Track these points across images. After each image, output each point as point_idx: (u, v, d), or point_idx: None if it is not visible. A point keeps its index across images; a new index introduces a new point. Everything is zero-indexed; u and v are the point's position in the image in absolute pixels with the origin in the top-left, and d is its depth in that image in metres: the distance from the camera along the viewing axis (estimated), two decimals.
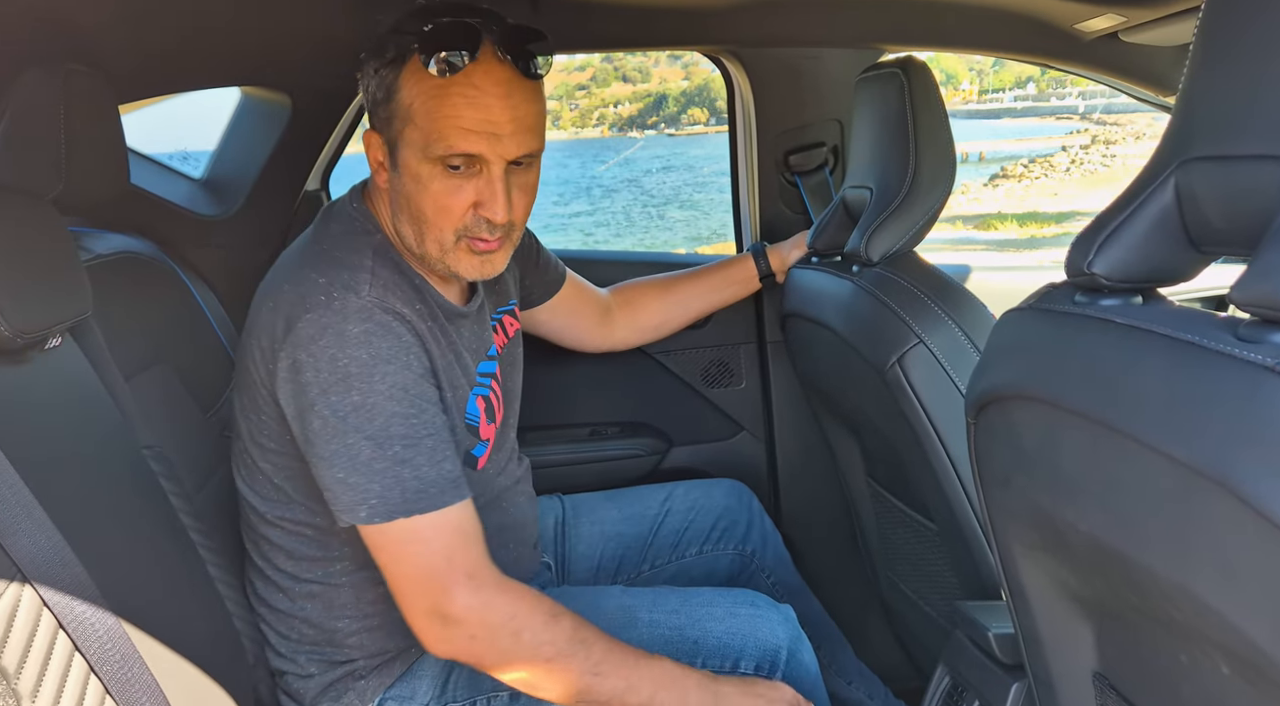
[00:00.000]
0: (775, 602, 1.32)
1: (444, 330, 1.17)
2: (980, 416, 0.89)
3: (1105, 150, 32.72)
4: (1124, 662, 0.86)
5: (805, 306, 1.55)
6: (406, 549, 1.03)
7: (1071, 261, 0.77)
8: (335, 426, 1.01)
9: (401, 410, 1.03)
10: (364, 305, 1.05)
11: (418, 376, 1.06)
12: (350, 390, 1.02)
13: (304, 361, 1.03)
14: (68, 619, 0.78)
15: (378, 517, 1.01)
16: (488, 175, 1.08)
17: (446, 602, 1.01)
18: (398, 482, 1.01)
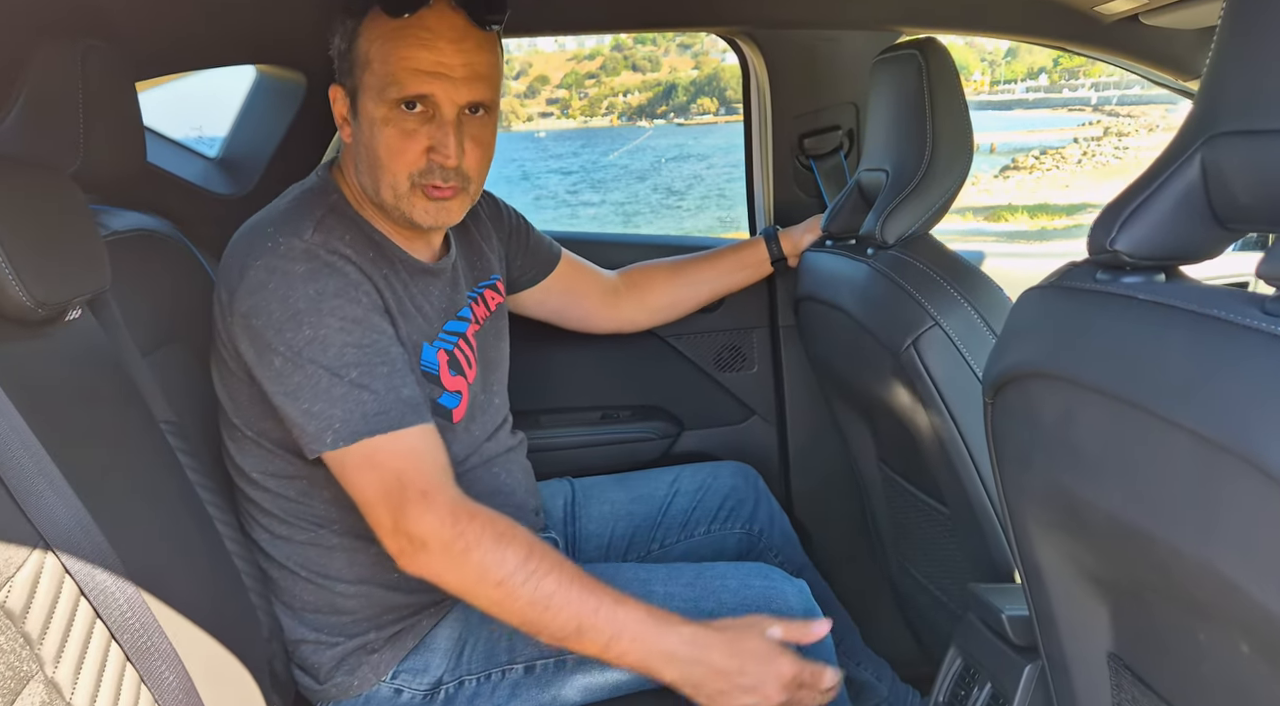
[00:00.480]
0: (789, 576, 1.33)
1: (403, 282, 1.19)
2: (998, 396, 0.89)
3: (1118, 142, 32.49)
4: (1140, 643, 0.86)
5: (819, 290, 1.54)
6: (368, 471, 1.04)
7: (1094, 239, 0.77)
8: (293, 361, 1.04)
9: (353, 339, 1.06)
10: (307, 247, 1.09)
11: (366, 309, 1.09)
12: (302, 325, 1.05)
13: (256, 306, 1.06)
14: (89, 587, 0.79)
15: (342, 441, 1.03)
16: (440, 119, 1.11)
17: (405, 520, 1.02)
18: (358, 406, 1.04)
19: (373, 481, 1.04)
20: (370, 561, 1.19)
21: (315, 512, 1.18)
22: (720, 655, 1.06)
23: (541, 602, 1.02)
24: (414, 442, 1.06)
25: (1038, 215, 18.37)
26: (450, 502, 1.05)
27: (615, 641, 1.04)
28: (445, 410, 1.21)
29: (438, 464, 1.08)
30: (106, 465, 0.92)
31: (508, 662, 1.21)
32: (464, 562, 1.02)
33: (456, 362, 1.24)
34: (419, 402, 1.08)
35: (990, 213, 18.85)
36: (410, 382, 1.09)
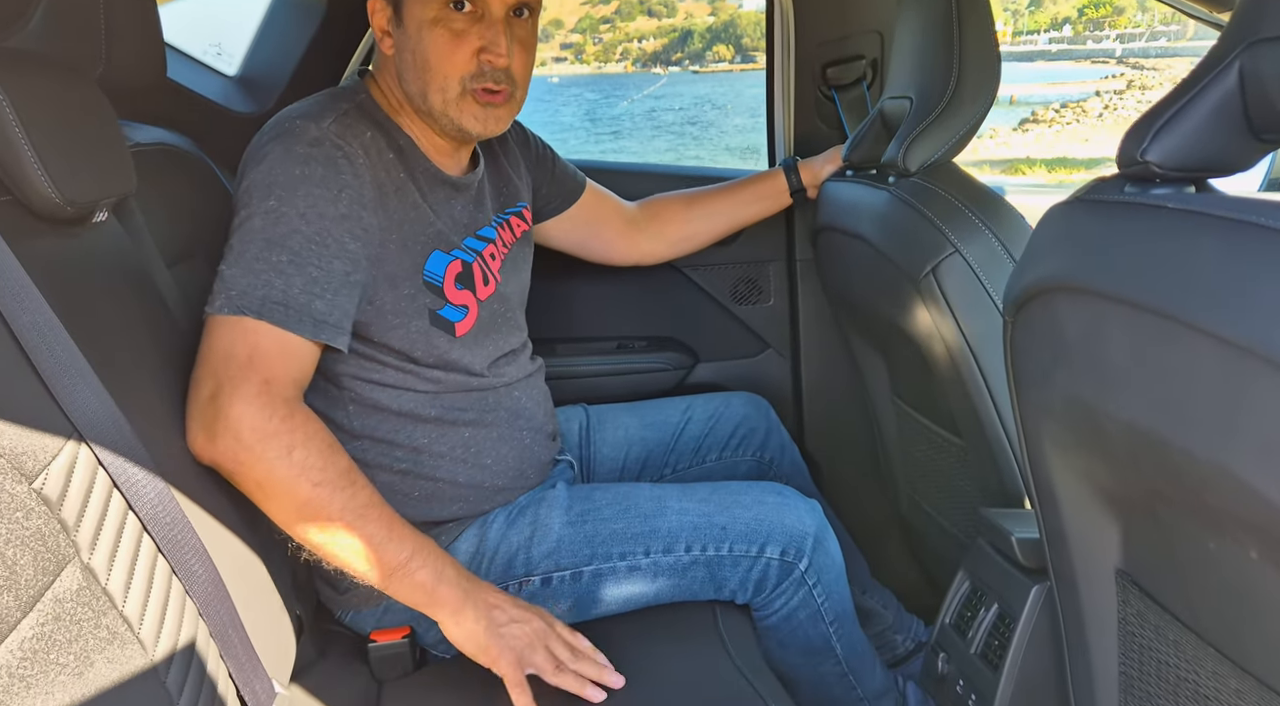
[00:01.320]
0: (803, 495, 1.35)
1: (420, 190, 1.19)
2: (1020, 313, 0.89)
3: (1141, 95, 31.90)
4: (1149, 557, 0.87)
5: (839, 219, 1.54)
6: (227, 336, 1.00)
7: (1124, 151, 0.76)
8: (245, 224, 1.04)
9: (307, 231, 1.04)
10: (319, 134, 1.09)
11: (341, 214, 1.07)
12: (269, 195, 1.05)
13: (248, 173, 1.08)
14: (121, 479, 0.80)
15: (228, 308, 1.01)
16: (489, 18, 1.13)
17: (229, 394, 0.97)
18: (263, 286, 1.01)
19: (224, 346, 1.00)
20: (390, 479, 1.21)
21: (338, 424, 1.20)
22: (492, 593, 1.11)
23: (356, 511, 1.02)
24: (291, 346, 1.03)
25: (1056, 169, 18.14)
26: (291, 400, 1.02)
27: (414, 557, 1.05)
28: (447, 323, 1.21)
29: (298, 374, 1.05)
30: (135, 363, 0.93)
31: (524, 575, 1.23)
32: (282, 460, 0.98)
33: (469, 277, 1.23)
34: (325, 321, 1.05)
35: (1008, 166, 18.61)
36: (334, 301, 1.05)
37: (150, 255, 1.09)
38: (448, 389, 1.23)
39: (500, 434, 1.29)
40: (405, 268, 1.15)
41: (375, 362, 1.18)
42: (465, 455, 1.25)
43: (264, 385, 1.00)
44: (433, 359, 1.20)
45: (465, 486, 1.26)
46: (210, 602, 0.87)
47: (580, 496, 1.32)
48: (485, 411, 1.28)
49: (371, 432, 1.20)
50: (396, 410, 1.20)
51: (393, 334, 1.16)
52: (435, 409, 1.23)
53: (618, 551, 1.26)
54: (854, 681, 1.40)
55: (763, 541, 1.27)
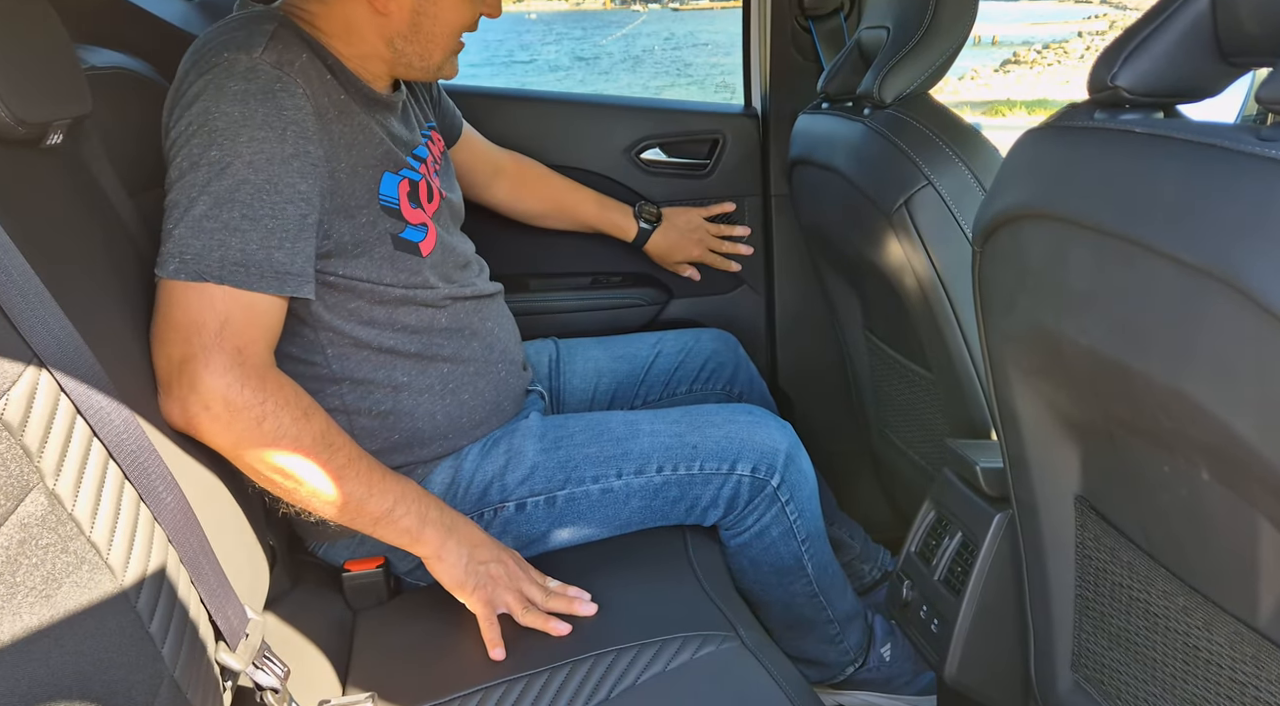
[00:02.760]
0: (773, 415, 1.36)
1: (361, 109, 1.17)
2: (988, 243, 0.89)
3: None
4: (1106, 483, 0.89)
5: (813, 152, 1.53)
6: (194, 301, 0.97)
7: (1094, 77, 0.76)
8: (187, 175, 1.00)
9: (256, 180, 1.00)
10: (252, 64, 1.04)
11: (288, 155, 1.02)
12: (211, 145, 1.00)
13: (179, 116, 1.03)
14: (85, 406, 0.79)
15: (184, 274, 0.97)
16: None
17: (199, 362, 0.95)
18: (219, 247, 0.98)
19: (189, 314, 0.97)
20: (370, 423, 1.21)
21: (315, 370, 1.18)
22: (474, 531, 1.14)
23: (334, 473, 1.02)
24: (259, 305, 1.00)
25: (1036, 110, 17.99)
26: (262, 368, 1.00)
27: (397, 505, 1.07)
28: (411, 244, 1.19)
29: (269, 335, 1.03)
30: (95, 292, 0.92)
31: (499, 501, 1.24)
32: (253, 430, 0.98)
33: (417, 194, 1.21)
34: (286, 274, 1.02)
35: (988, 107, 18.46)
36: (290, 249, 1.02)
37: (110, 182, 1.06)
38: (421, 319, 1.22)
39: (477, 368, 1.29)
40: (359, 195, 1.12)
41: (348, 298, 1.16)
42: (444, 390, 1.25)
43: (236, 355, 0.98)
44: (402, 284, 1.19)
45: (444, 424, 1.26)
46: (179, 530, 0.87)
47: (554, 425, 1.33)
48: (461, 345, 1.27)
49: (351, 374, 1.19)
50: (376, 347, 1.19)
51: (358, 265, 1.14)
52: (415, 344, 1.22)
53: (590, 475, 1.27)
54: (824, 602, 1.43)
55: (734, 458, 1.29)
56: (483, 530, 1.15)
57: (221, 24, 1.14)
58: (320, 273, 1.11)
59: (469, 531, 1.12)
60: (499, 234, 1.66)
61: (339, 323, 1.16)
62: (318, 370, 1.18)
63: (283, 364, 1.08)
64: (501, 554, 1.14)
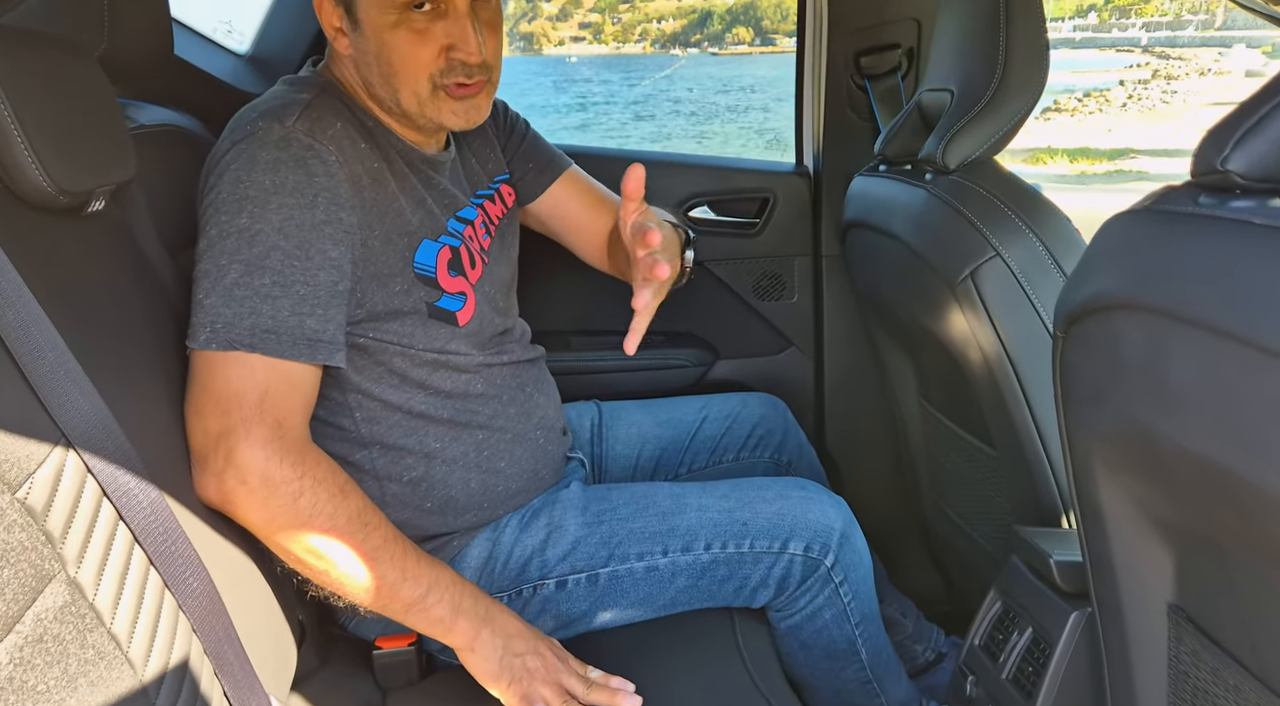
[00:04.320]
0: (829, 491, 1.30)
1: (400, 175, 1.13)
2: (1073, 328, 0.83)
3: (1166, 85, 31.45)
4: (1206, 591, 0.82)
5: (871, 215, 1.47)
6: (231, 374, 0.94)
7: (1201, 158, 0.70)
8: (216, 244, 0.97)
9: (286, 246, 0.97)
10: (285, 133, 1.01)
11: (320, 221, 1.00)
12: (241, 212, 0.98)
13: (212, 185, 1.01)
14: (112, 488, 0.76)
15: (215, 343, 0.94)
16: (453, 13, 1.06)
17: (239, 435, 0.92)
18: (251, 314, 0.95)
19: (228, 386, 0.94)
20: (402, 490, 1.17)
21: (344, 434, 1.14)
22: (510, 620, 1.07)
23: (367, 555, 0.98)
24: (294, 376, 0.98)
25: (1078, 159, 17.89)
26: (301, 442, 0.97)
27: (430, 592, 1.02)
28: (448, 313, 1.15)
29: (307, 406, 1.01)
30: (131, 363, 0.88)
31: (539, 579, 1.19)
32: (288, 507, 0.94)
33: (459, 262, 1.17)
34: (319, 341, 0.99)
35: (1029, 155, 18.37)
36: (322, 316, 0.99)
37: (151, 243, 1.04)
38: (455, 384, 1.18)
39: (514, 435, 1.24)
40: (392, 263, 1.09)
41: (378, 359, 1.12)
42: (479, 459, 1.20)
43: (276, 428, 0.95)
44: (435, 351, 1.15)
45: (479, 493, 1.21)
46: (205, 617, 0.82)
47: (596, 496, 1.27)
48: (497, 411, 1.22)
49: (382, 439, 1.14)
50: (407, 411, 1.15)
51: (389, 329, 1.11)
52: (447, 410, 1.18)
53: (635, 551, 1.21)
54: (878, 689, 1.35)
55: (786, 537, 1.23)
56: (519, 618, 1.09)
57: (267, 93, 1.12)
58: (350, 334, 1.08)
59: (505, 621, 1.07)
60: (544, 290, 1.63)
61: (368, 385, 1.12)
62: (346, 434, 1.14)
63: (311, 427, 1.05)
64: (539, 644, 1.08)
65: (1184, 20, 50.14)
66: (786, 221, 1.78)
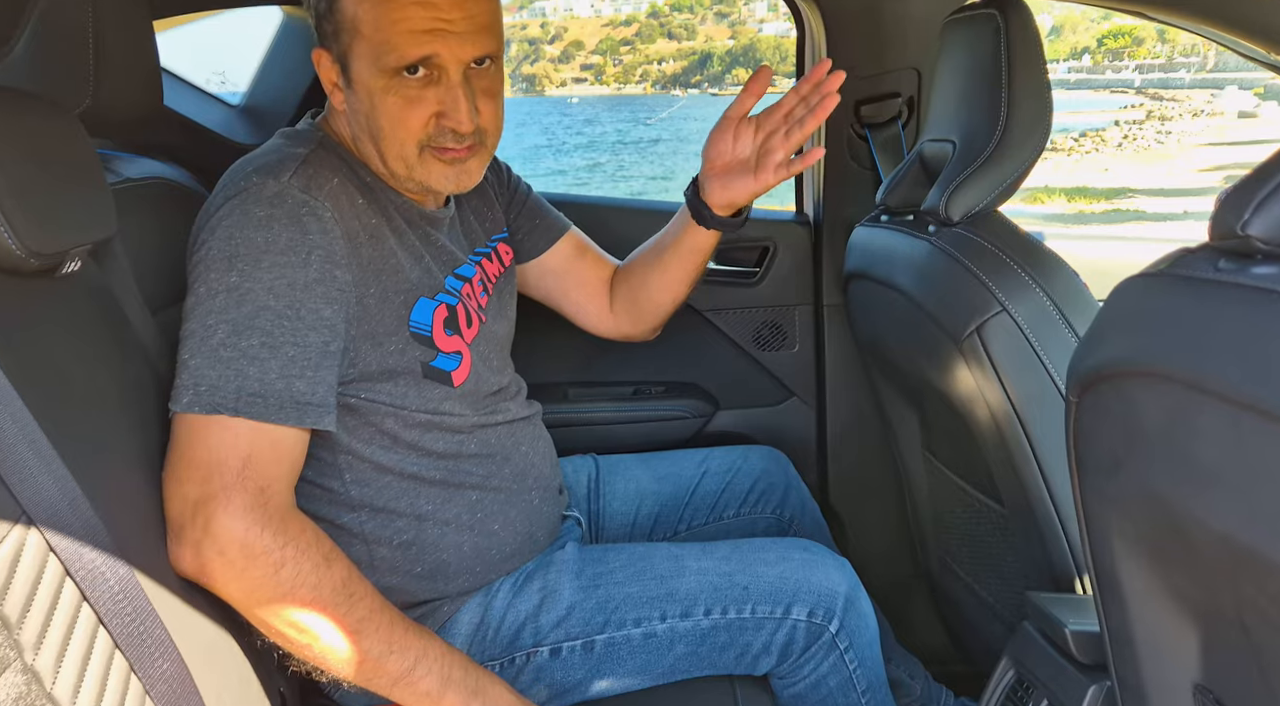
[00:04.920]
0: (833, 552, 1.25)
1: (397, 231, 1.10)
2: (1087, 394, 0.79)
3: (1160, 126, 31.81)
4: (1235, 674, 0.77)
5: (873, 267, 1.45)
6: (212, 439, 0.90)
7: (1219, 222, 0.67)
8: (204, 303, 0.94)
9: (277, 307, 0.94)
10: (279, 189, 0.99)
11: (313, 280, 0.97)
12: (231, 270, 0.94)
13: (203, 241, 0.98)
14: (76, 567, 0.72)
15: (198, 406, 0.90)
16: (446, 81, 1.03)
17: (218, 502, 0.88)
18: (237, 377, 0.91)
19: (209, 452, 0.90)
20: (391, 554, 1.12)
21: (332, 495, 1.10)
22: (502, 693, 1.02)
23: (351, 627, 0.93)
24: (279, 439, 0.94)
25: (1075, 198, 18.01)
26: (284, 509, 0.93)
27: (418, 665, 0.97)
28: (443, 373, 1.12)
29: (292, 472, 0.97)
30: (105, 431, 0.85)
31: (533, 646, 1.14)
32: (269, 578, 0.89)
33: (455, 320, 1.14)
34: (307, 405, 0.95)
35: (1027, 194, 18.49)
36: (311, 378, 0.96)
37: (133, 303, 1.01)
38: (449, 445, 1.14)
39: (508, 496, 1.20)
40: (388, 322, 1.06)
41: (369, 420, 1.09)
42: (472, 521, 1.16)
43: (259, 495, 0.91)
44: (428, 412, 1.12)
45: (472, 556, 1.17)
46: (174, 701, 0.78)
47: (592, 558, 1.23)
48: (491, 471, 1.19)
49: (372, 501, 1.11)
50: (399, 472, 1.11)
51: (382, 390, 1.08)
52: (440, 471, 1.14)
53: (632, 617, 1.17)
54: None
55: (789, 602, 1.18)
56: (511, 690, 1.04)
57: (263, 147, 1.10)
58: (341, 395, 1.05)
59: (496, 692, 1.02)
60: (540, 340, 1.60)
61: (359, 446, 1.09)
62: (335, 496, 1.10)
63: (297, 489, 1.01)
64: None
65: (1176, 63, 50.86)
66: (787, 270, 1.75)
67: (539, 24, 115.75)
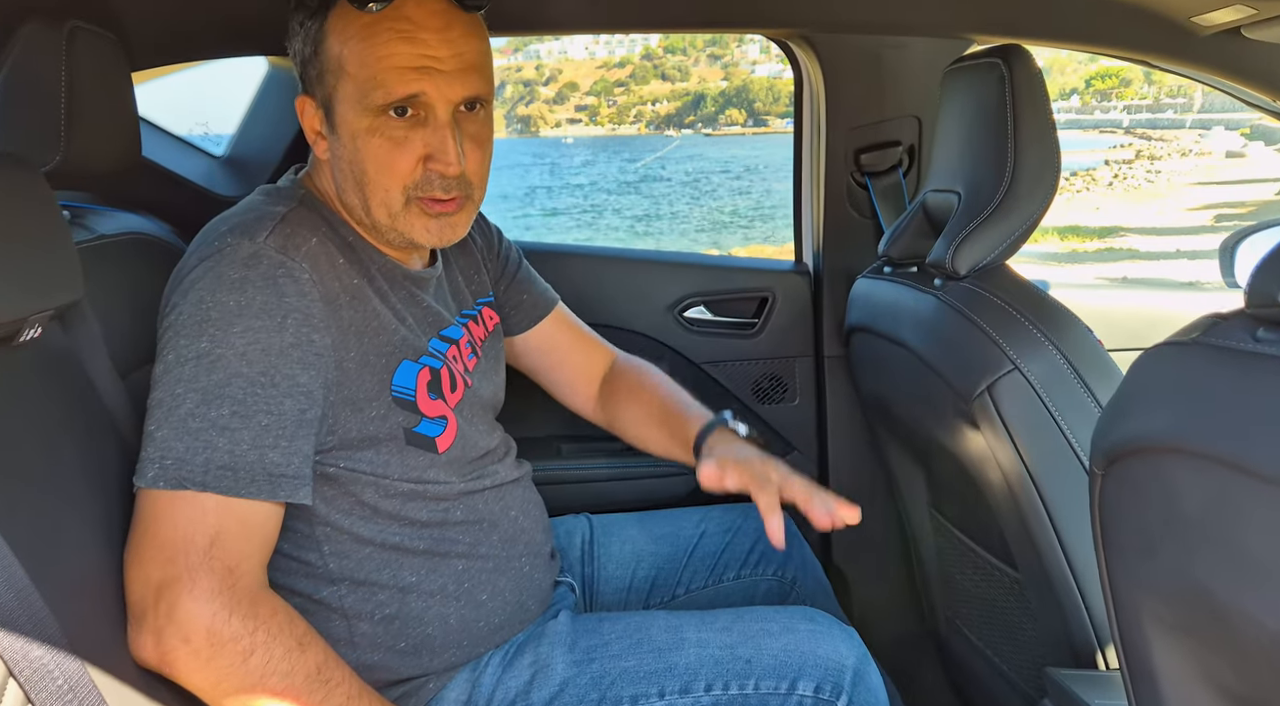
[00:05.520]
0: (840, 622, 1.19)
1: (380, 292, 1.05)
2: (1115, 468, 0.74)
3: (1149, 165, 32.16)
4: None
5: (876, 321, 1.40)
6: (179, 516, 0.84)
7: (1257, 289, 0.62)
8: (173, 370, 0.88)
9: (250, 373, 0.89)
10: (254, 250, 0.93)
11: (289, 344, 0.91)
12: (202, 335, 0.89)
13: (174, 304, 0.93)
14: (21, 666, 0.66)
15: (163, 481, 0.84)
16: (434, 121, 0.99)
17: (182, 585, 0.82)
18: (206, 448, 0.86)
19: (175, 531, 0.84)
20: (373, 630, 1.06)
21: (310, 569, 1.04)
22: None
23: None
24: (250, 515, 0.88)
25: (1068, 236, 18.11)
26: (254, 591, 0.87)
27: None
28: (427, 440, 1.06)
29: (263, 550, 0.91)
30: (62, 512, 0.79)
31: None
32: (237, 667, 0.84)
33: (438, 384, 1.09)
34: (282, 475, 0.90)
35: None
36: (290, 449, 0.91)
37: (101, 368, 0.96)
38: (433, 513, 1.08)
39: (496, 564, 1.14)
40: (369, 387, 1.01)
41: (349, 490, 1.03)
42: (458, 591, 1.10)
43: (226, 576, 0.85)
44: (411, 480, 1.06)
45: (458, 628, 1.10)
46: None
47: (586, 630, 1.16)
48: (479, 539, 1.13)
49: (352, 574, 1.04)
50: (380, 544, 1.05)
51: (362, 458, 1.02)
52: (424, 541, 1.08)
53: (629, 693, 1.10)
54: None
55: (794, 676, 1.11)
56: None
57: (239, 205, 1.05)
58: (319, 464, 0.99)
59: None
60: (531, 394, 1.54)
61: (337, 517, 1.03)
62: (312, 569, 1.04)
63: (273, 562, 0.95)
64: None
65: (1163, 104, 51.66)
66: (786, 321, 1.71)
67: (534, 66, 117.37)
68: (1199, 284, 12.15)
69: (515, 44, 37.55)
